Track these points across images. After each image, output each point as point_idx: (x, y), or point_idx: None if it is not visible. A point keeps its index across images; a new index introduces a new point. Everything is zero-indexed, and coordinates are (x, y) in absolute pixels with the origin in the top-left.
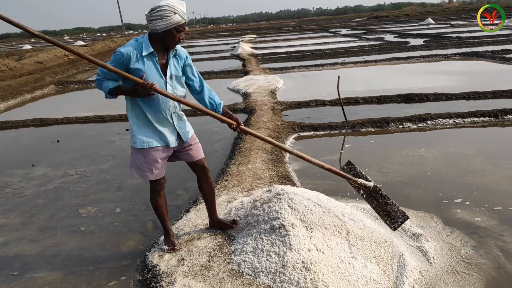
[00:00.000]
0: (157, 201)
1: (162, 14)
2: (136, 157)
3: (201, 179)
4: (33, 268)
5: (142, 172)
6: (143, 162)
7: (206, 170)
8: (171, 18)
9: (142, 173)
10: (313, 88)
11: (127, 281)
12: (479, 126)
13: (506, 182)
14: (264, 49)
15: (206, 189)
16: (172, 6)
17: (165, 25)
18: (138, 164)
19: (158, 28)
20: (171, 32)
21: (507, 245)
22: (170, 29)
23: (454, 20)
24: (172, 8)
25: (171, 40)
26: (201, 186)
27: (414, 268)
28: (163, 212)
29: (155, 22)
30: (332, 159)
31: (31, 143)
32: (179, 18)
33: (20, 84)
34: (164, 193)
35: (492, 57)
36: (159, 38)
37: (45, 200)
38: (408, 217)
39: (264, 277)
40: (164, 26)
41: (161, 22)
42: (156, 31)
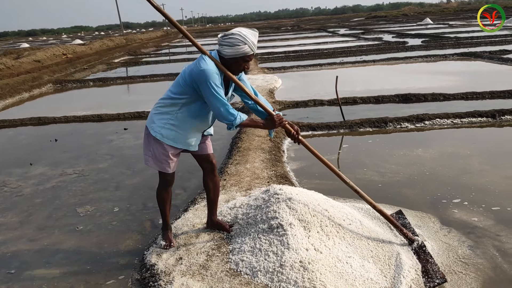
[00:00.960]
0: (163, 195)
1: (232, 42)
2: (155, 147)
3: (207, 176)
4: (31, 267)
5: (159, 163)
6: (162, 154)
7: (214, 167)
8: (241, 48)
9: (159, 164)
10: (311, 88)
11: (125, 280)
12: (476, 127)
13: (503, 182)
14: (262, 49)
15: (212, 188)
16: (244, 36)
17: (233, 53)
18: (157, 155)
19: (225, 54)
20: (237, 60)
21: (504, 245)
22: (237, 58)
23: (452, 20)
24: (244, 38)
25: (235, 67)
26: (206, 184)
27: (411, 267)
28: (166, 206)
29: (224, 47)
30: (330, 159)
31: (29, 142)
32: (248, 49)
33: (18, 83)
34: (171, 188)
35: (490, 58)
36: (224, 62)
37: (43, 199)
38: (446, 280)
39: (262, 277)
40: (232, 54)
41: (230, 49)
42: (224, 56)
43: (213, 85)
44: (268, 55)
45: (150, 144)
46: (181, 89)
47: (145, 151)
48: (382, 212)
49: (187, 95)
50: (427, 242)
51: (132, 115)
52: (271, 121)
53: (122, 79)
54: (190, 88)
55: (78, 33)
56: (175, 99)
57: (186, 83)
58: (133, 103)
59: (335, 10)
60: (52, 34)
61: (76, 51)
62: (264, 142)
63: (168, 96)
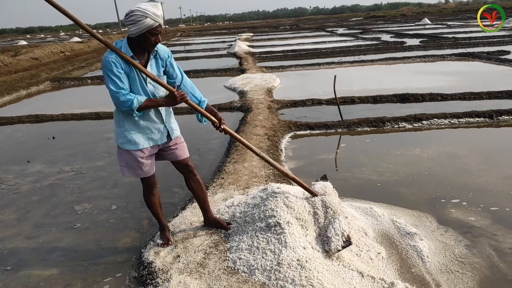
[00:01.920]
0: (150, 199)
1: (134, 19)
2: (125, 156)
3: (188, 178)
4: (28, 264)
5: (133, 170)
6: (132, 161)
7: (192, 169)
8: (143, 22)
9: (133, 171)
10: (309, 87)
11: (122, 278)
12: (474, 127)
13: (500, 182)
14: (261, 48)
15: (195, 187)
16: (144, 10)
17: (138, 29)
18: (128, 163)
19: (132, 33)
20: (145, 36)
21: (500, 244)
22: (143, 33)
23: (450, 20)
24: (143, 12)
25: (147, 43)
26: (189, 185)
27: (408, 266)
28: (157, 209)
29: (129, 27)
30: (328, 158)
31: (26, 140)
32: (151, 22)
33: (15, 80)
34: (157, 190)
35: (488, 58)
36: (135, 42)
37: (40, 197)
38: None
39: (259, 275)
40: (138, 31)
41: (134, 27)
42: (132, 35)
43: (108, 73)
44: (267, 54)
45: (120, 154)
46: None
47: (119, 163)
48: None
49: None
50: (424, 241)
51: None
52: (171, 97)
53: None
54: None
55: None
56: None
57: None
58: None
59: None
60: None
61: (74, 48)
62: (262, 141)
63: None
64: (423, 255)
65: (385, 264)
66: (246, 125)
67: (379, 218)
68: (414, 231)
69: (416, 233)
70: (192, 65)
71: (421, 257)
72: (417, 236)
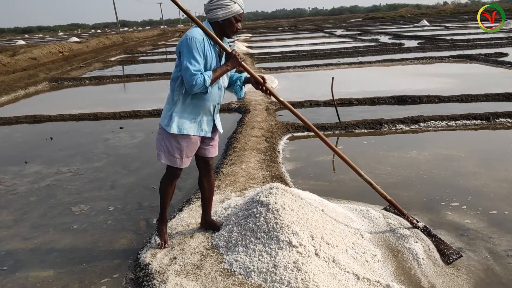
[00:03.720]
0: (167, 188)
1: (222, 3)
2: (168, 141)
3: (203, 176)
4: (26, 265)
5: (171, 157)
6: (175, 148)
7: (211, 168)
8: (231, 7)
9: (172, 159)
10: (307, 89)
11: (119, 279)
12: (471, 129)
13: (496, 185)
14: (259, 49)
15: (207, 187)
16: None
17: (225, 14)
18: (169, 149)
19: (218, 17)
20: (230, 21)
21: (496, 247)
22: (229, 18)
23: (448, 22)
24: None
25: (230, 29)
26: (202, 183)
27: (403, 269)
28: (167, 199)
29: (215, 11)
30: (325, 160)
31: (24, 140)
32: (238, 8)
33: (13, 80)
34: (176, 182)
35: (486, 60)
36: (217, 27)
37: (38, 198)
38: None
39: (255, 277)
40: (224, 15)
41: (222, 11)
42: (216, 19)
43: (190, 48)
44: (265, 55)
45: (163, 139)
46: (177, 68)
47: (157, 146)
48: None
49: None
50: (419, 243)
51: (128, 114)
52: (234, 58)
53: (118, 78)
54: (179, 60)
55: (74, 31)
56: (176, 83)
57: (179, 59)
58: (129, 102)
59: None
60: (49, 31)
61: (73, 49)
62: (260, 143)
63: (171, 87)
64: (418, 258)
65: (381, 266)
66: (244, 126)
67: (375, 221)
68: (409, 234)
69: (411, 235)
70: None
71: (417, 260)
72: (412, 238)
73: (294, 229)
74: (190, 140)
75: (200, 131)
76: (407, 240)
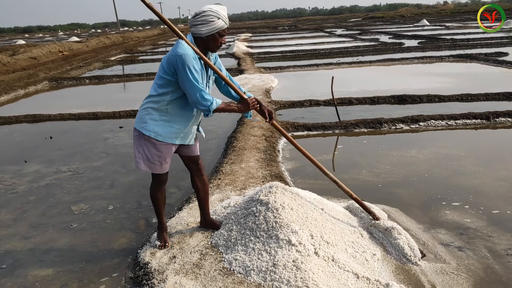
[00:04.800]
0: (156, 195)
1: (206, 19)
2: (147, 149)
3: (195, 176)
4: (25, 264)
5: (151, 164)
6: (154, 155)
7: (201, 167)
8: (215, 23)
9: (151, 165)
10: (307, 88)
11: (118, 278)
12: (471, 128)
13: (496, 184)
14: (259, 48)
15: (200, 187)
16: (216, 11)
17: (209, 30)
18: (148, 156)
19: (202, 33)
20: (214, 36)
21: (496, 246)
22: (213, 33)
23: (448, 22)
24: (216, 13)
25: (213, 44)
26: (194, 184)
27: (403, 268)
28: (161, 206)
29: (199, 27)
30: (325, 159)
31: (23, 139)
32: (222, 23)
33: (13, 80)
34: (165, 187)
35: (486, 60)
36: (201, 42)
37: (37, 197)
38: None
39: (255, 276)
40: (208, 31)
41: (205, 27)
42: (200, 35)
43: (191, 69)
44: (265, 54)
45: (141, 145)
46: (163, 81)
47: (135, 153)
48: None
49: (171, 86)
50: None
51: (127, 113)
52: (245, 103)
53: (118, 77)
54: (171, 77)
55: (74, 31)
56: (161, 94)
57: (166, 72)
58: (129, 101)
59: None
60: (49, 31)
61: (73, 48)
62: (259, 142)
63: (154, 92)
64: (417, 256)
65: (381, 265)
66: (243, 125)
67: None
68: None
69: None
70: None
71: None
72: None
73: (293, 228)
74: (171, 147)
75: (185, 140)
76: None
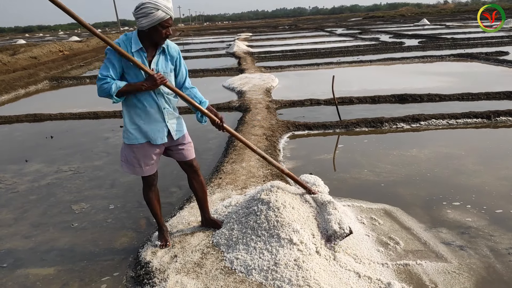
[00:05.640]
0: (149, 197)
1: (145, 12)
2: (126, 152)
3: (191, 178)
4: (26, 263)
5: (131, 166)
6: (132, 158)
7: (196, 169)
8: (154, 15)
9: (131, 167)
10: (308, 87)
11: (120, 277)
12: (471, 127)
13: (497, 183)
14: (259, 48)
15: (197, 188)
16: (155, 2)
17: (149, 22)
18: (128, 159)
19: (143, 26)
20: (156, 28)
21: (497, 245)
22: (155, 25)
23: (449, 21)
24: (154, 4)
25: (157, 36)
26: (192, 185)
27: (404, 267)
28: (156, 207)
29: (140, 20)
30: (326, 159)
31: (24, 139)
32: (162, 14)
33: (13, 79)
34: (156, 188)
35: (486, 59)
36: (145, 35)
37: (38, 196)
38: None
39: (256, 275)
40: (149, 23)
41: (145, 19)
42: (142, 28)
43: (106, 54)
44: (265, 54)
45: (122, 149)
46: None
47: (120, 157)
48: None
49: None
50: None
51: None
52: (151, 79)
53: None
54: None
55: (75, 30)
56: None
57: None
58: None
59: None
60: (49, 30)
61: (73, 48)
62: (260, 141)
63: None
64: None
65: (382, 265)
66: (244, 125)
67: (368, 218)
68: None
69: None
70: (191, 64)
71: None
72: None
73: (295, 227)
74: (143, 148)
75: (150, 139)
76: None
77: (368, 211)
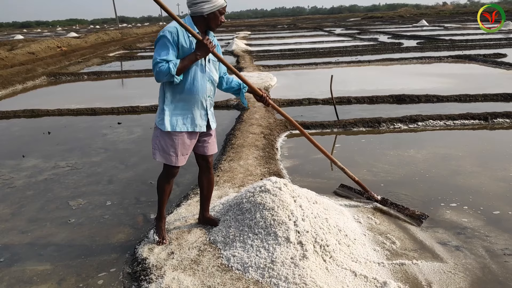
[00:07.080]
0: (164, 186)
1: None
2: (163, 140)
3: (203, 172)
4: (22, 258)
5: (166, 155)
6: (169, 146)
7: (210, 166)
8: (216, 1)
9: (167, 156)
10: (306, 87)
11: (116, 273)
12: (469, 129)
13: (494, 184)
14: (258, 46)
15: (206, 184)
16: None
17: (210, 7)
18: (164, 147)
19: (204, 11)
20: (215, 14)
21: (493, 245)
22: (214, 11)
23: (448, 22)
24: None
25: (214, 22)
26: (201, 180)
27: (400, 266)
28: (165, 197)
29: (200, 5)
30: (323, 158)
31: (22, 134)
32: (222, 1)
33: (11, 75)
34: (173, 181)
35: (484, 61)
36: (202, 21)
37: (35, 191)
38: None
39: (253, 272)
40: (210, 9)
41: (207, 5)
42: (201, 13)
43: (159, 41)
44: (264, 53)
45: (157, 136)
46: None
47: (152, 144)
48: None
49: None
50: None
51: (126, 110)
52: (202, 46)
53: (116, 73)
54: None
55: (73, 26)
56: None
57: None
58: (127, 97)
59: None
60: (47, 26)
61: (71, 44)
62: (258, 140)
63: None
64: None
65: (378, 265)
66: (242, 123)
67: (369, 219)
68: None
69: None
70: None
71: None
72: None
73: (291, 226)
74: (183, 137)
75: (195, 126)
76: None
77: (365, 210)
